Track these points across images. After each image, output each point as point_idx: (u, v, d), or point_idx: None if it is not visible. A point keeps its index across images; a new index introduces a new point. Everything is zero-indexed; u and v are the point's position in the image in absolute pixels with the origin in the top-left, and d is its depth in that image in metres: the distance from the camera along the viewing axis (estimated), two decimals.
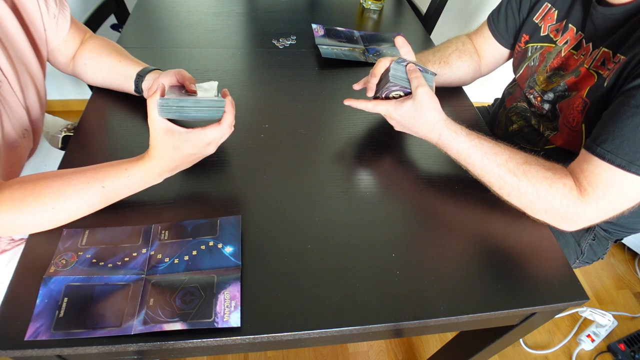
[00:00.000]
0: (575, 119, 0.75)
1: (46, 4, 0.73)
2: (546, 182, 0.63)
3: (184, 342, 0.51)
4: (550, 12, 0.83)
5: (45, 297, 0.52)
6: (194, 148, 0.59)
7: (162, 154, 0.58)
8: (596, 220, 0.64)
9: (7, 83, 0.68)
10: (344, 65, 1.00)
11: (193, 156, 0.61)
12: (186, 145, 0.58)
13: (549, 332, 1.40)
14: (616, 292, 1.54)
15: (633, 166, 0.58)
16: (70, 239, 0.59)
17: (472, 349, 0.84)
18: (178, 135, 0.57)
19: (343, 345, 1.29)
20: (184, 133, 0.57)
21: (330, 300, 0.56)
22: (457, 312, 0.57)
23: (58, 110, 1.87)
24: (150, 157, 0.59)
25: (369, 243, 0.63)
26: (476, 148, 0.67)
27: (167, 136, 0.56)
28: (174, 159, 0.59)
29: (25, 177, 0.58)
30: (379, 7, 1.28)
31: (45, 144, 0.91)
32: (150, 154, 0.58)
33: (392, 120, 0.72)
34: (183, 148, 0.58)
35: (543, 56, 0.84)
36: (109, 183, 0.58)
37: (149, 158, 0.59)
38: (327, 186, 0.71)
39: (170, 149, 0.58)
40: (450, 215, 0.69)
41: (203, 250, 0.59)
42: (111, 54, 0.81)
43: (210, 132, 0.58)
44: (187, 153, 0.59)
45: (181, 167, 0.62)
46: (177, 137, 0.57)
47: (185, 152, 0.59)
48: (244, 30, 1.11)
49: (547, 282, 0.61)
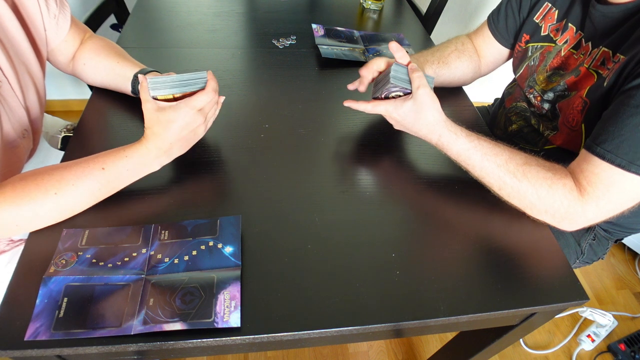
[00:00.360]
0: (575, 119, 0.75)
1: (46, 4, 0.73)
2: (546, 183, 0.63)
3: (184, 342, 0.51)
4: (550, 12, 0.83)
5: (45, 297, 0.52)
6: (185, 117, 0.61)
7: (156, 132, 0.61)
8: (596, 220, 0.64)
9: (7, 83, 0.68)
10: (344, 65, 1.00)
11: (186, 129, 0.63)
12: (178, 115, 0.61)
13: (549, 332, 1.40)
14: (616, 292, 1.54)
15: (633, 166, 0.58)
16: (70, 239, 0.59)
17: (472, 349, 0.84)
18: (169, 109, 0.61)
19: (343, 345, 1.29)
20: (173, 105, 0.61)
21: (330, 300, 0.56)
22: (457, 312, 0.56)
23: (58, 110, 1.87)
24: (145, 138, 0.62)
25: (369, 243, 0.63)
26: (476, 149, 0.67)
27: (159, 113, 0.60)
28: (168, 136, 0.62)
29: (27, 172, 0.59)
30: (379, 7, 1.28)
31: (44, 144, 0.91)
32: (146, 135, 0.62)
33: (392, 119, 0.72)
34: (175, 119, 0.61)
35: (543, 56, 0.84)
36: (108, 165, 0.60)
37: (145, 139, 0.62)
38: (327, 186, 0.71)
39: (164, 124, 0.61)
40: (450, 215, 0.69)
41: (203, 250, 0.59)
42: (110, 55, 0.81)
43: (197, 97, 0.62)
44: (180, 126, 0.62)
45: (176, 146, 0.64)
46: (168, 110, 0.61)
47: (178, 125, 0.61)
48: (244, 30, 1.11)
49: (547, 282, 0.61)
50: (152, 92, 0.61)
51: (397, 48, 0.71)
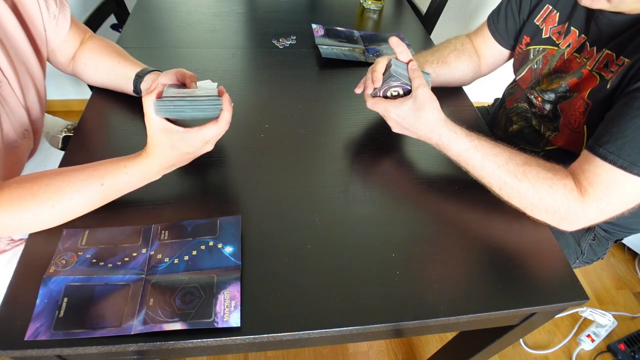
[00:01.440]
0: (577, 120, 0.75)
1: (46, 4, 0.73)
2: (546, 184, 0.63)
3: (184, 342, 0.51)
4: (551, 14, 0.83)
5: (45, 297, 0.52)
6: (191, 147, 0.59)
7: (159, 153, 0.58)
8: (596, 220, 0.64)
9: (7, 83, 0.68)
10: (344, 65, 1.00)
11: (191, 154, 0.61)
12: (184, 144, 0.58)
13: (549, 332, 1.40)
14: (616, 292, 1.54)
15: (635, 167, 0.58)
16: (70, 239, 0.59)
17: (472, 349, 0.84)
18: (176, 134, 0.57)
19: (343, 345, 1.29)
20: (181, 132, 0.57)
21: (330, 300, 0.56)
22: (457, 312, 0.57)
23: (58, 110, 1.87)
24: (148, 155, 0.59)
25: (369, 243, 0.63)
26: (476, 149, 0.67)
27: (165, 135, 0.57)
28: (171, 157, 0.59)
29: (24, 176, 0.58)
30: (379, 7, 1.28)
31: (45, 144, 0.91)
32: (148, 152, 0.59)
33: (391, 120, 0.72)
34: (181, 147, 0.58)
35: (546, 59, 0.84)
36: (108, 180, 0.58)
37: (147, 156, 0.59)
38: (327, 186, 0.71)
39: (168, 148, 0.58)
40: (450, 215, 0.69)
41: (203, 250, 0.59)
42: (110, 55, 0.81)
43: (207, 130, 0.58)
44: (185, 152, 0.59)
45: (179, 164, 0.62)
46: (174, 136, 0.57)
47: (182, 151, 0.59)
48: (244, 30, 1.11)
49: (547, 282, 0.61)
50: (158, 114, 0.56)
51: (397, 43, 0.71)
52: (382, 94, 0.73)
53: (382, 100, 0.72)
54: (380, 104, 0.71)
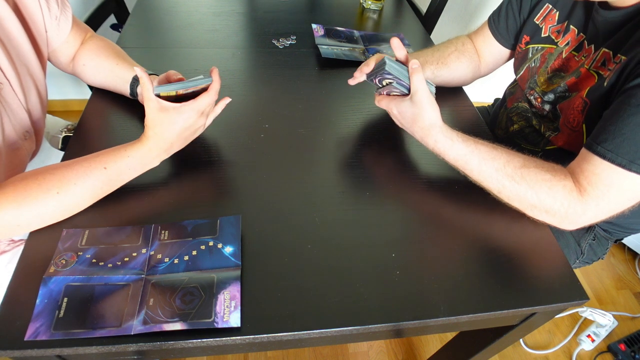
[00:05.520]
0: (576, 119, 0.75)
1: (48, 5, 0.73)
2: (546, 185, 0.63)
3: (184, 342, 0.51)
4: (551, 13, 0.83)
5: (45, 297, 0.52)
6: (188, 120, 0.63)
7: (158, 133, 0.62)
8: (596, 219, 0.64)
9: (8, 85, 0.68)
10: (344, 65, 1.00)
11: (187, 130, 0.64)
12: (180, 118, 0.62)
13: (549, 332, 1.40)
14: (616, 292, 1.54)
15: (634, 165, 0.58)
16: (70, 239, 0.59)
17: (472, 349, 0.84)
18: (172, 110, 0.61)
19: (343, 345, 1.29)
20: (177, 107, 0.61)
21: (330, 300, 0.56)
22: (457, 312, 0.56)
23: (58, 110, 1.87)
24: (147, 137, 0.62)
25: (369, 243, 0.63)
26: (473, 154, 0.67)
27: (163, 113, 0.61)
28: (169, 136, 0.62)
29: (27, 172, 0.59)
30: (379, 7, 1.28)
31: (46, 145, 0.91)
32: (147, 135, 0.62)
33: (394, 116, 0.74)
34: (178, 121, 0.62)
35: (544, 57, 0.84)
36: (110, 164, 0.60)
37: (146, 138, 0.62)
38: (327, 186, 0.71)
39: (166, 125, 0.62)
40: (450, 216, 0.69)
41: (203, 250, 0.59)
42: (109, 56, 0.81)
43: (200, 100, 0.62)
44: (182, 127, 0.63)
45: (176, 145, 0.65)
46: (171, 112, 0.61)
47: (180, 126, 0.62)
48: (244, 30, 1.11)
49: (547, 282, 0.61)
50: (155, 90, 0.61)
51: (398, 46, 0.71)
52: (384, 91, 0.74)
53: (386, 97, 0.74)
54: (384, 100, 0.74)
